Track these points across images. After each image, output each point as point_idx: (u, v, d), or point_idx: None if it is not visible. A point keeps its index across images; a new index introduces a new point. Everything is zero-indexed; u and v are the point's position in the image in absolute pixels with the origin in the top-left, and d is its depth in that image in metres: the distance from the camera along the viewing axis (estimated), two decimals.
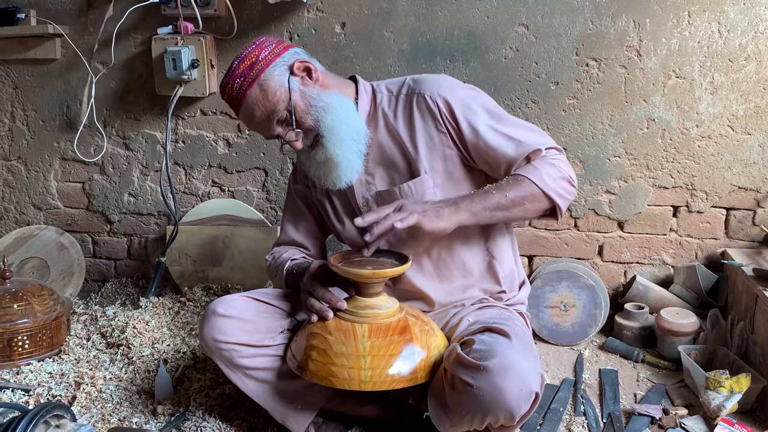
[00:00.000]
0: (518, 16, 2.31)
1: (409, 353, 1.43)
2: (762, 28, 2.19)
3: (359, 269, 1.44)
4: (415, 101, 1.60)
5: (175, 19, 2.45)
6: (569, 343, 2.27)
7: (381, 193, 1.64)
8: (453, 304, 1.70)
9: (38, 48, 2.62)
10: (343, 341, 1.43)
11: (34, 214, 2.82)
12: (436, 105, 1.57)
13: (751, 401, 1.82)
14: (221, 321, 1.58)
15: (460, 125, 1.56)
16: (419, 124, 1.59)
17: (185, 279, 2.63)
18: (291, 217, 1.84)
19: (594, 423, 1.77)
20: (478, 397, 1.30)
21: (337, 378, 1.41)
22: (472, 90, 1.64)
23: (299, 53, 1.61)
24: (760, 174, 2.29)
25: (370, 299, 1.49)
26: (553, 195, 1.49)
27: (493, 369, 1.29)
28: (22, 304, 2.12)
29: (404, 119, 1.62)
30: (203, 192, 2.68)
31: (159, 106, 2.61)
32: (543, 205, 1.51)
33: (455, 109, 1.56)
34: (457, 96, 1.58)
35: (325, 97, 1.58)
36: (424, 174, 1.59)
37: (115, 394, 1.90)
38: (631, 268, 2.44)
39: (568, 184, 1.53)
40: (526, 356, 1.35)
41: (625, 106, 2.32)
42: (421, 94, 1.60)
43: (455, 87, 1.61)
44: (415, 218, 1.39)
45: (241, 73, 1.54)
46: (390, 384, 1.41)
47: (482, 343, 1.37)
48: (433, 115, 1.58)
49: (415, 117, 1.60)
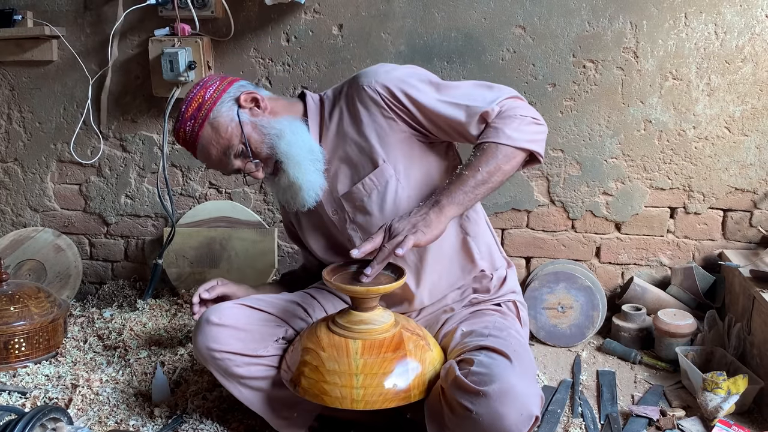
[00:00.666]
0: (515, 17, 2.31)
1: (402, 371, 1.41)
2: (758, 29, 2.19)
3: (353, 286, 1.43)
4: (356, 96, 1.59)
5: (172, 21, 2.45)
6: (567, 345, 2.27)
7: (345, 196, 1.63)
8: (442, 309, 1.70)
9: (35, 50, 2.61)
10: (335, 358, 1.41)
11: (31, 216, 2.82)
12: (376, 92, 1.56)
13: (748, 402, 1.82)
14: (215, 330, 1.57)
15: (406, 105, 1.55)
16: (366, 117, 1.58)
17: (182, 281, 2.63)
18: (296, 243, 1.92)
19: (591, 424, 1.77)
20: (477, 423, 1.28)
21: (329, 396, 1.39)
22: (409, 68, 1.62)
23: (244, 86, 1.62)
24: (757, 175, 2.29)
25: (364, 314, 1.47)
26: (524, 145, 1.48)
27: (493, 395, 1.27)
28: (18, 306, 2.12)
29: (350, 116, 1.61)
30: (200, 194, 2.67)
31: (156, 108, 2.61)
32: (520, 159, 1.50)
33: (395, 91, 1.55)
34: (395, 77, 1.57)
35: (276, 124, 1.59)
36: (383, 163, 1.58)
37: (112, 396, 1.90)
38: (628, 269, 2.45)
39: (534, 126, 1.51)
40: (525, 378, 1.33)
41: (622, 107, 2.32)
42: (360, 86, 1.58)
43: (391, 70, 1.59)
44: (411, 241, 1.39)
45: (191, 115, 1.56)
46: (383, 403, 1.39)
47: (481, 365, 1.34)
48: (376, 104, 1.57)
49: (360, 111, 1.59)
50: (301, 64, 2.48)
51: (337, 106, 1.64)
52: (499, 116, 1.50)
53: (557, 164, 2.39)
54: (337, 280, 1.46)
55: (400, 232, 1.41)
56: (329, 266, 1.51)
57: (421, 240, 1.40)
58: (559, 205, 2.43)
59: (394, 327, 1.48)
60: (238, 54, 2.51)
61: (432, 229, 1.42)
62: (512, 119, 1.49)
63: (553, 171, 2.40)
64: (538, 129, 1.52)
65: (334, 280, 1.46)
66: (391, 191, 1.59)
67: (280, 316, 1.66)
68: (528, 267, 2.50)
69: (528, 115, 1.51)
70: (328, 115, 1.65)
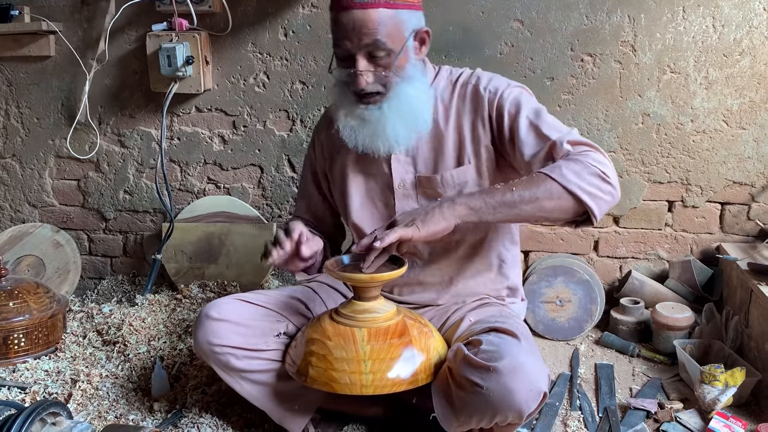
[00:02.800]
0: (513, 11, 2.31)
1: (409, 356, 1.42)
2: (756, 22, 2.19)
3: (356, 274, 1.44)
4: (470, 92, 1.60)
5: (169, 16, 2.44)
6: (565, 338, 2.27)
7: (421, 179, 1.63)
8: (453, 302, 1.71)
9: (32, 45, 2.61)
10: (342, 346, 1.42)
11: (30, 211, 2.82)
12: (488, 100, 1.57)
13: (745, 395, 1.82)
14: (215, 325, 1.57)
15: (503, 119, 1.55)
16: (470, 115, 1.59)
17: (181, 276, 2.63)
18: (303, 195, 1.85)
19: (590, 417, 1.78)
20: (487, 398, 1.30)
21: (338, 383, 1.40)
22: (522, 88, 1.61)
23: (422, 19, 1.58)
24: (755, 168, 2.29)
25: (367, 303, 1.48)
26: (576, 191, 1.37)
27: (503, 370, 1.28)
28: (17, 302, 2.12)
29: (457, 108, 1.61)
30: (199, 189, 2.67)
31: (154, 103, 2.61)
32: (567, 204, 1.39)
33: (503, 103, 1.55)
34: (510, 91, 1.57)
35: (420, 74, 1.56)
36: (468, 164, 1.59)
37: (112, 391, 1.90)
38: (626, 263, 2.45)
39: (599, 180, 1.39)
40: (534, 356, 1.35)
41: (620, 101, 2.32)
42: (476, 87, 1.60)
43: (509, 84, 1.60)
44: (397, 234, 1.37)
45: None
46: (392, 387, 1.40)
47: (490, 343, 1.35)
48: (484, 108, 1.57)
49: (468, 107, 1.60)
50: (299, 59, 2.47)
51: (449, 93, 1.63)
52: (568, 155, 1.43)
53: None
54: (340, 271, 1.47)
55: (396, 225, 1.41)
56: (331, 259, 1.52)
57: (413, 235, 1.38)
58: None
59: (397, 315, 1.49)
60: (236, 48, 2.51)
61: (430, 225, 1.40)
62: (578, 163, 1.40)
63: None
64: (605, 187, 1.40)
65: (337, 270, 1.47)
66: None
67: (281, 311, 1.66)
68: (526, 261, 2.51)
69: (596, 168, 1.40)
70: (440, 96, 1.63)
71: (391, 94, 1.52)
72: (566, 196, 1.38)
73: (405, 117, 1.53)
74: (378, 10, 1.46)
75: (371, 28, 1.46)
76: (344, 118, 1.58)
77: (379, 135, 1.54)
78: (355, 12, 1.45)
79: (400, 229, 1.39)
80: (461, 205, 1.42)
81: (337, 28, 1.50)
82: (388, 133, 1.54)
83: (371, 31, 1.46)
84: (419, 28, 1.55)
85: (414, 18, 1.53)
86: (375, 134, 1.55)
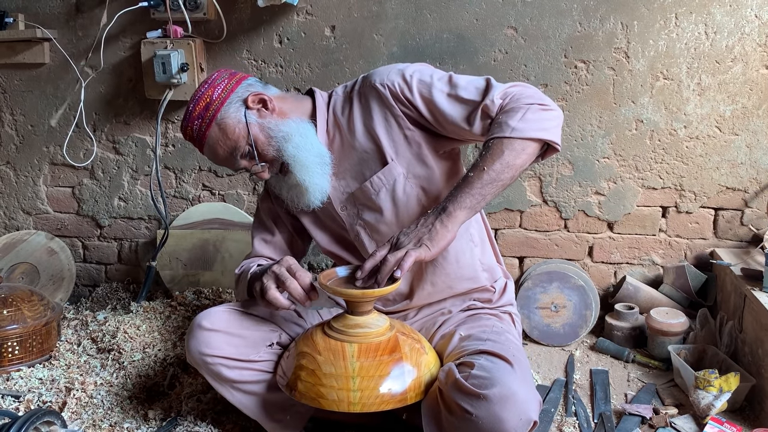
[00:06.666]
0: (507, 18, 2.32)
1: (398, 373, 1.41)
2: (748, 29, 2.21)
3: (348, 289, 1.43)
4: (368, 94, 1.60)
5: (164, 23, 2.45)
6: (560, 344, 2.28)
7: (354, 194, 1.64)
8: (440, 311, 1.70)
9: (27, 52, 2.60)
10: (332, 361, 1.41)
11: (24, 219, 2.81)
12: (387, 89, 1.56)
13: (740, 400, 1.83)
14: (207, 335, 1.56)
15: (415, 102, 1.55)
16: (376, 114, 1.59)
17: (176, 283, 2.63)
18: (260, 233, 1.81)
19: (585, 423, 1.78)
20: (477, 425, 1.28)
21: (325, 399, 1.39)
22: (420, 65, 1.61)
23: (252, 84, 1.61)
24: (748, 174, 2.31)
25: (360, 318, 1.47)
26: (534, 134, 1.41)
27: (494, 398, 1.27)
28: (11, 309, 2.11)
29: (361, 114, 1.61)
30: (193, 196, 2.67)
31: (148, 110, 2.61)
32: (531, 150, 1.43)
33: (405, 88, 1.55)
34: (407, 74, 1.56)
35: (283, 126, 1.58)
36: (391, 161, 1.59)
37: (106, 399, 1.90)
38: (620, 268, 2.46)
39: (543, 112, 1.44)
40: (525, 383, 1.33)
41: (614, 107, 2.33)
42: (372, 84, 1.59)
43: (403, 69, 1.58)
44: (413, 257, 1.37)
45: (198, 115, 1.56)
46: (379, 405, 1.39)
47: (482, 368, 1.34)
48: (386, 102, 1.57)
49: (371, 108, 1.59)
50: (294, 66, 2.48)
51: (347, 104, 1.64)
52: (503, 109, 1.46)
53: (549, 164, 2.40)
54: (332, 285, 1.46)
55: (404, 246, 1.40)
56: (324, 271, 1.51)
57: (425, 255, 1.39)
58: (551, 204, 2.44)
59: (390, 331, 1.48)
60: (231, 56, 2.51)
61: (438, 242, 1.40)
62: (517, 110, 1.43)
63: (545, 171, 2.41)
64: (549, 115, 1.44)
65: (329, 284, 1.46)
66: (400, 190, 1.59)
67: (274, 321, 1.65)
68: (521, 267, 2.51)
69: (534, 102, 1.44)
70: (340, 112, 1.64)
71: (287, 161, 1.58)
72: (528, 144, 1.42)
73: (310, 164, 1.58)
74: (209, 134, 1.57)
75: (218, 152, 1.59)
76: (286, 193, 1.66)
77: (306, 192, 1.60)
78: (198, 144, 1.60)
79: (413, 252, 1.38)
80: (456, 210, 1.42)
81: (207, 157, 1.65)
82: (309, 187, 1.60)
83: (220, 153, 1.59)
84: (245, 97, 1.57)
85: (233, 104, 1.56)
86: (303, 193, 1.61)
